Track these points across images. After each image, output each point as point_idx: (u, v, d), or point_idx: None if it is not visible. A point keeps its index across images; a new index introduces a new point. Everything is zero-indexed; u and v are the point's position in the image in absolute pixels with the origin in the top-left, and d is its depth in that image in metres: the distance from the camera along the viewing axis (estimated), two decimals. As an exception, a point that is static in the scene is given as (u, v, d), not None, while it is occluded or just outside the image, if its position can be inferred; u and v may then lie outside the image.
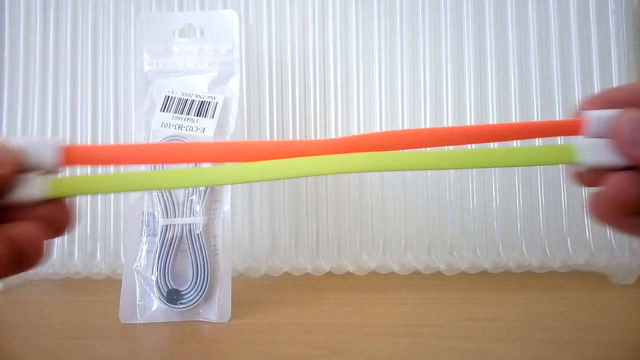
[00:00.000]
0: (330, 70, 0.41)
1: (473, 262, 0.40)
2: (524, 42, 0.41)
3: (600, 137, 0.18)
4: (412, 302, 0.35)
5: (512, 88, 0.41)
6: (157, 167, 0.30)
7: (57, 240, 0.41)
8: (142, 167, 0.30)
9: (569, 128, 0.19)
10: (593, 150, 0.18)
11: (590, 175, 0.18)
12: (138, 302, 0.32)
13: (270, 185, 0.41)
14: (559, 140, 0.32)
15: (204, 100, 0.34)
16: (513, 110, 0.41)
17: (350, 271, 0.41)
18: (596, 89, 0.40)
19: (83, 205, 0.41)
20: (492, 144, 0.27)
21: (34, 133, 0.42)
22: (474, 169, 0.41)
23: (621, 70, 0.40)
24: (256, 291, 0.38)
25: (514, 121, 0.40)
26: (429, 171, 0.41)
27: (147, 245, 0.33)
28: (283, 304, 0.35)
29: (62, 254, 0.41)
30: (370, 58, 0.41)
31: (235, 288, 0.33)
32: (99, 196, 0.41)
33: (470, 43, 0.41)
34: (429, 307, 0.34)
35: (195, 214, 0.33)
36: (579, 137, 0.18)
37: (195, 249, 0.32)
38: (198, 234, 0.32)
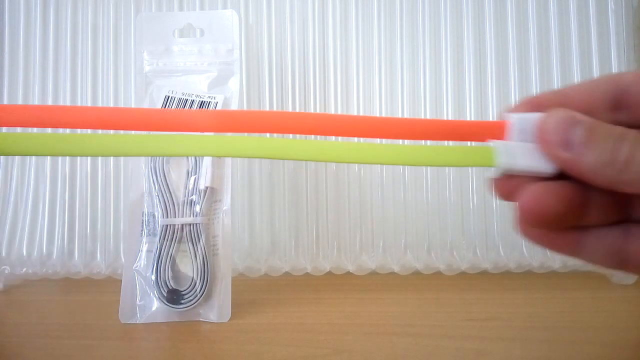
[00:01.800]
0: (330, 70, 0.41)
1: (473, 262, 0.40)
2: (524, 42, 0.41)
3: (525, 142, 0.16)
4: (412, 302, 0.35)
5: (512, 87, 0.41)
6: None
7: (57, 240, 0.41)
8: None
9: (492, 130, 0.17)
10: (514, 154, 0.16)
11: (510, 185, 0.16)
12: (138, 302, 0.32)
13: (271, 185, 0.41)
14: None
15: (204, 100, 0.34)
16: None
17: (350, 271, 0.41)
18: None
19: (83, 205, 0.41)
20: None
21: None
22: (473, 170, 0.41)
23: (621, 69, 0.40)
24: (256, 291, 0.38)
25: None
26: (429, 171, 0.41)
27: (147, 245, 0.33)
28: (283, 303, 0.35)
29: (62, 253, 0.41)
30: (370, 58, 0.41)
31: (235, 288, 0.33)
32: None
33: (470, 42, 0.41)
34: (429, 307, 0.34)
35: (195, 213, 0.33)
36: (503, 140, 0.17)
37: (195, 249, 0.32)
38: (198, 234, 0.32)
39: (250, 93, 0.41)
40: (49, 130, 0.17)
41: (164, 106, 0.34)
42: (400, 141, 0.32)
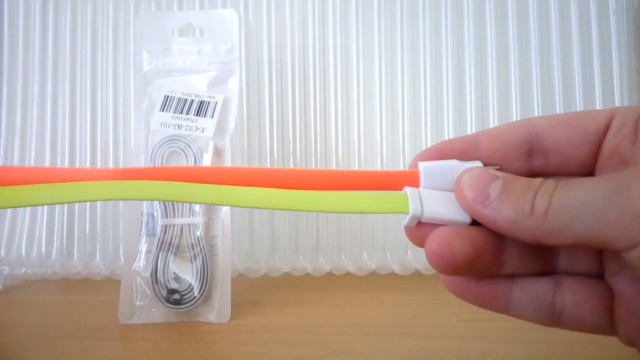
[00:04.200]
0: (330, 69, 0.41)
1: (473, 262, 0.40)
2: (525, 42, 0.41)
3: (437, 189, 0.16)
4: (412, 302, 0.35)
5: (512, 88, 0.41)
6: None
7: (56, 240, 0.41)
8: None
9: (406, 180, 0.16)
10: (427, 201, 0.16)
11: (421, 231, 0.16)
12: (137, 303, 0.32)
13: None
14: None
15: (203, 99, 0.34)
16: (514, 110, 0.41)
17: (351, 271, 0.41)
18: (597, 89, 0.40)
19: (82, 205, 0.41)
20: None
21: (32, 133, 0.42)
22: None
23: (622, 69, 0.40)
24: (256, 291, 0.38)
25: (514, 119, 0.40)
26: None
27: (146, 245, 0.33)
28: (283, 304, 0.35)
29: (61, 254, 0.41)
30: (371, 57, 0.41)
31: (235, 288, 0.33)
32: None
33: (471, 42, 0.41)
34: (429, 308, 0.34)
35: (194, 214, 0.33)
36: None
37: (195, 249, 0.32)
38: (197, 234, 0.32)
39: (249, 92, 0.41)
40: None
41: (163, 105, 0.34)
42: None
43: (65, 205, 0.41)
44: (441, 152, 0.16)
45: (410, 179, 0.16)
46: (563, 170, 0.16)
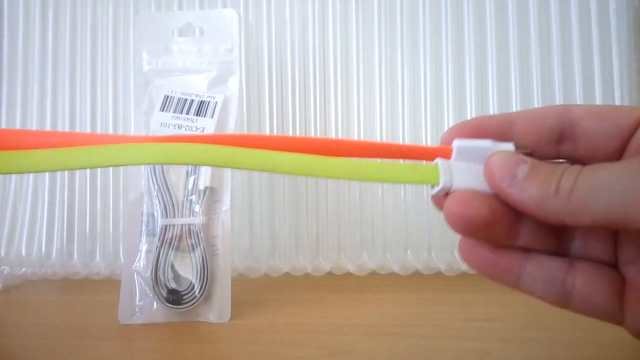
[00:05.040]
0: (330, 69, 0.41)
1: (473, 262, 0.40)
2: (525, 42, 0.41)
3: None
4: (412, 302, 0.35)
5: (513, 87, 0.41)
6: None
7: (56, 240, 0.41)
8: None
9: (437, 155, 0.17)
10: (455, 173, 0.16)
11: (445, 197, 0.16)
12: (137, 303, 0.32)
13: (270, 185, 0.41)
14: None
15: (203, 99, 0.34)
16: (514, 110, 0.41)
17: (351, 271, 0.41)
18: (597, 89, 0.40)
19: (82, 205, 0.41)
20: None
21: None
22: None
23: (622, 69, 0.40)
24: (256, 291, 0.38)
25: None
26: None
27: (146, 245, 0.33)
28: (283, 304, 0.35)
29: (61, 254, 0.41)
30: (371, 57, 0.41)
31: (235, 288, 0.33)
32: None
33: (471, 42, 0.41)
34: (429, 308, 0.34)
35: (194, 214, 0.33)
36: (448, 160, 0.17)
37: (195, 249, 0.32)
38: (197, 234, 0.32)
39: (249, 92, 0.41)
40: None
41: (163, 105, 0.34)
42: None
43: (66, 204, 0.41)
44: (477, 127, 0.17)
45: (442, 155, 0.17)
46: (589, 159, 0.16)
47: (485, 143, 0.16)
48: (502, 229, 0.16)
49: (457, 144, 0.16)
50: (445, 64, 0.41)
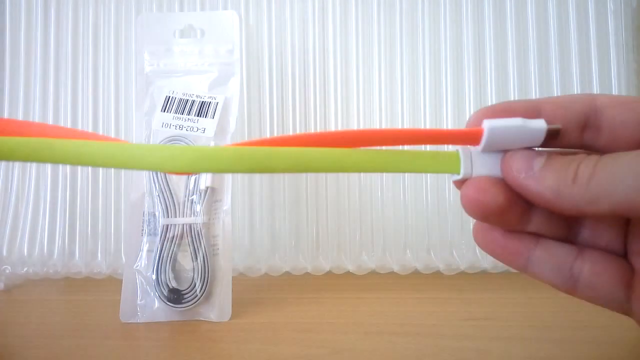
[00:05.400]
0: (330, 70, 0.42)
1: (472, 262, 0.40)
2: (523, 43, 0.41)
3: (494, 149, 0.16)
4: (411, 301, 0.35)
5: (511, 88, 0.41)
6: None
7: (58, 240, 0.41)
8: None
9: (467, 137, 0.17)
10: (477, 163, 0.16)
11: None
12: (139, 302, 0.32)
13: (271, 185, 0.42)
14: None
15: (204, 100, 0.34)
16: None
17: (350, 271, 0.41)
18: (595, 90, 0.40)
19: (84, 205, 0.42)
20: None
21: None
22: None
23: (620, 70, 0.40)
24: (256, 291, 0.38)
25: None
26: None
27: (147, 244, 0.33)
28: (283, 303, 0.35)
29: (63, 253, 0.41)
30: (370, 58, 0.42)
31: (236, 287, 0.33)
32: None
33: (470, 43, 0.41)
34: (428, 307, 0.34)
35: (195, 213, 0.33)
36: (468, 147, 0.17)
37: (196, 249, 0.32)
38: (198, 234, 0.32)
39: (250, 93, 0.42)
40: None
41: (164, 106, 0.34)
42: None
43: (67, 204, 0.41)
44: (506, 111, 0.17)
45: (472, 137, 0.17)
46: (610, 149, 0.16)
47: (517, 121, 0.16)
48: (516, 215, 0.16)
49: (488, 124, 0.16)
50: (444, 64, 0.41)
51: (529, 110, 0.17)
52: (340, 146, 0.16)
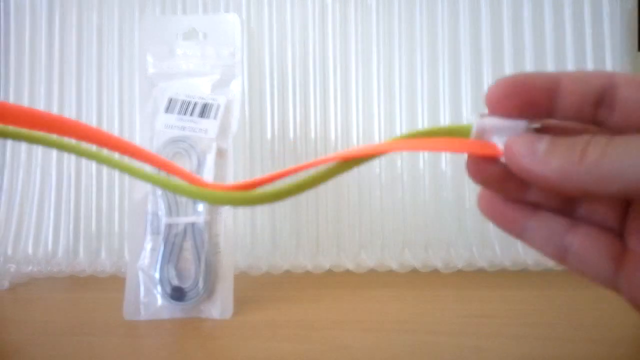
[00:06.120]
0: (330, 72, 0.42)
1: (470, 260, 0.41)
2: (520, 45, 0.41)
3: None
4: (409, 299, 0.35)
5: (508, 90, 0.41)
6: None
7: (62, 239, 0.42)
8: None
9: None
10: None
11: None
12: (142, 300, 0.33)
13: (272, 185, 0.42)
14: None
15: (206, 102, 0.35)
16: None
17: (350, 269, 0.41)
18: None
19: (88, 204, 0.42)
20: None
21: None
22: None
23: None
24: (257, 288, 0.38)
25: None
26: (426, 170, 0.41)
27: (151, 243, 0.33)
28: (284, 301, 0.35)
29: (67, 252, 0.41)
30: (369, 61, 0.42)
31: (237, 285, 0.33)
32: (93, 191, 0.42)
33: (467, 45, 0.41)
34: (426, 304, 0.34)
35: (197, 212, 0.33)
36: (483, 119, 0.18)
37: (198, 247, 0.33)
38: (201, 233, 0.33)
39: (251, 95, 0.42)
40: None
41: (167, 108, 0.35)
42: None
43: (72, 204, 0.42)
44: (525, 82, 0.17)
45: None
46: (621, 128, 0.17)
47: (518, 123, 0.17)
48: (516, 184, 0.17)
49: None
50: (442, 65, 0.41)
51: (549, 83, 0.17)
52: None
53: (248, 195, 0.18)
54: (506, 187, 0.17)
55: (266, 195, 0.18)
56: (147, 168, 0.19)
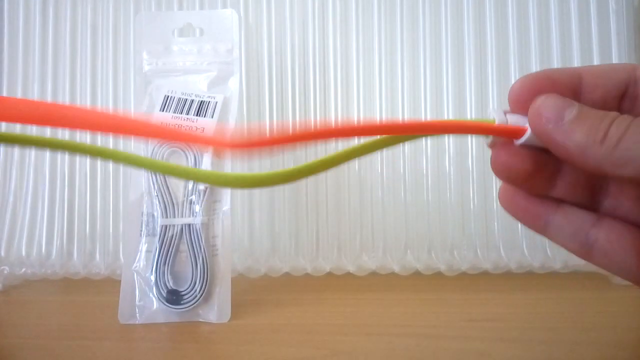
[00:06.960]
0: (330, 69, 0.41)
1: (474, 263, 0.40)
2: (525, 42, 0.41)
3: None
4: (412, 302, 0.35)
5: (512, 87, 0.41)
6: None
7: (56, 240, 0.41)
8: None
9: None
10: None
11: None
12: (137, 303, 0.32)
13: (270, 185, 0.41)
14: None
15: (203, 100, 0.34)
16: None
17: (351, 271, 0.41)
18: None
19: (82, 205, 0.41)
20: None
21: (32, 132, 0.42)
22: (474, 171, 0.41)
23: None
24: (256, 291, 0.38)
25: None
26: (429, 171, 0.41)
27: (146, 245, 0.33)
28: (283, 304, 0.35)
29: (61, 254, 0.41)
30: (370, 57, 0.41)
31: (235, 288, 0.33)
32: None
33: (471, 42, 0.41)
34: (429, 308, 0.34)
35: (194, 214, 0.33)
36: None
37: (195, 249, 0.32)
38: (197, 234, 0.32)
39: (249, 92, 0.41)
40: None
41: (163, 105, 0.34)
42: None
43: (66, 204, 0.41)
44: (548, 78, 0.17)
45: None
46: None
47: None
48: (542, 180, 0.17)
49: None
50: (445, 62, 0.41)
51: (572, 78, 0.17)
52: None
53: (256, 176, 0.17)
54: (532, 183, 0.17)
55: (278, 175, 0.17)
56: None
